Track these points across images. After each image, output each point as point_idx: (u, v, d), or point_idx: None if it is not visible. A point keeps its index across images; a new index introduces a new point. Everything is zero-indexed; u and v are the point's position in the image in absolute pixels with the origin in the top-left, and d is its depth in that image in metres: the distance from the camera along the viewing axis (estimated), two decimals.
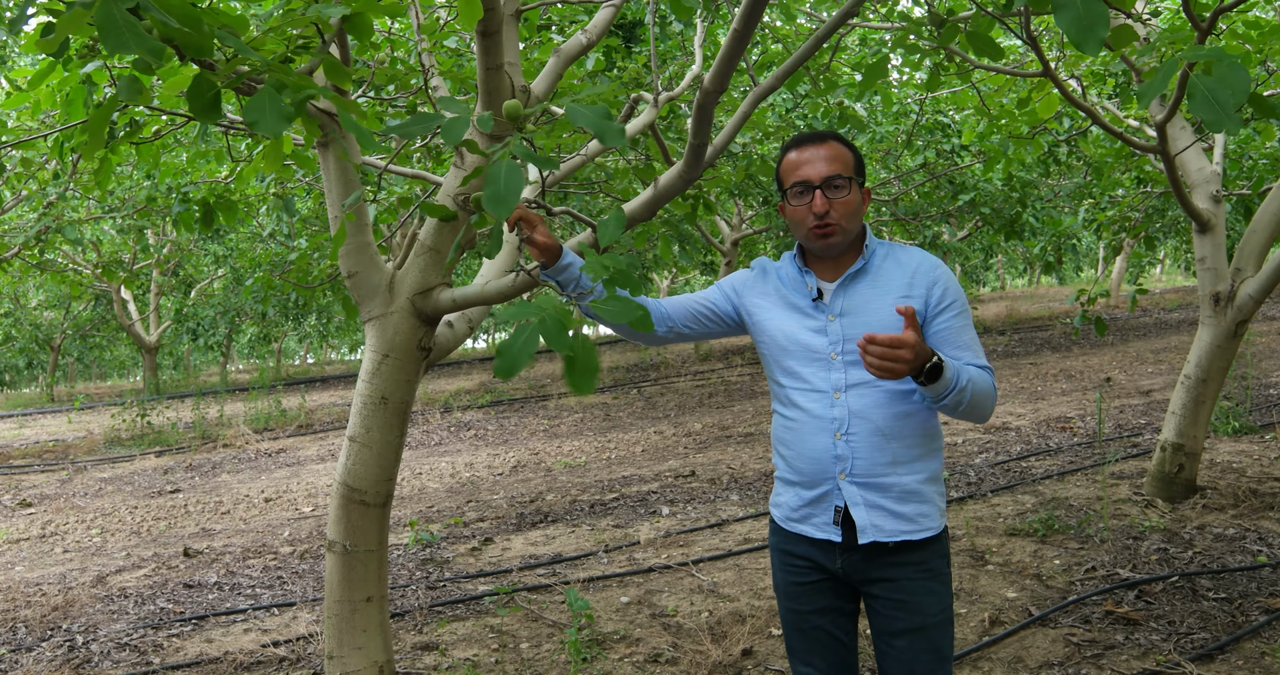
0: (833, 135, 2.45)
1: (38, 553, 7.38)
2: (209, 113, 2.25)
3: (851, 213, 2.41)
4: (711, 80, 2.43)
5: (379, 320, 3.65)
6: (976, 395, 2.30)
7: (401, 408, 3.69)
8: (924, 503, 2.40)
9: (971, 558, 5.35)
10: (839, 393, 2.40)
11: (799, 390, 2.47)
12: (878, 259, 2.46)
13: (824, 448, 2.41)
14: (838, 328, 2.42)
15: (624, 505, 7.37)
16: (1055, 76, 4.49)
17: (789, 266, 2.57)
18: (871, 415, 2.38)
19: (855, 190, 2.42)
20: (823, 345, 2.43)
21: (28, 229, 9.79)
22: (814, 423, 2.43)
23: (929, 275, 2.41)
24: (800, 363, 2.47)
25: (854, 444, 2.38)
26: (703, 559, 5.72)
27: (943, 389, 2.23)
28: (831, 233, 2.40)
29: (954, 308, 2.41)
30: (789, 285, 2.54)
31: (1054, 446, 8.27)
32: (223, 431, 13.04)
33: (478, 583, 5.65)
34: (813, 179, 2.39)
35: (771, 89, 2.84)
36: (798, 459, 2.48)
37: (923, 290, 2.40)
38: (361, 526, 3.73)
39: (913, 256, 2.46)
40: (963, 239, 16.04)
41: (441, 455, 10.87)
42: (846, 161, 2.42)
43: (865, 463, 2.38)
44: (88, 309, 23.06)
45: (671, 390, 14.67)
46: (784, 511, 2.55)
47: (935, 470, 2.44)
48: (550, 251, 2.42)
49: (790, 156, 2.46)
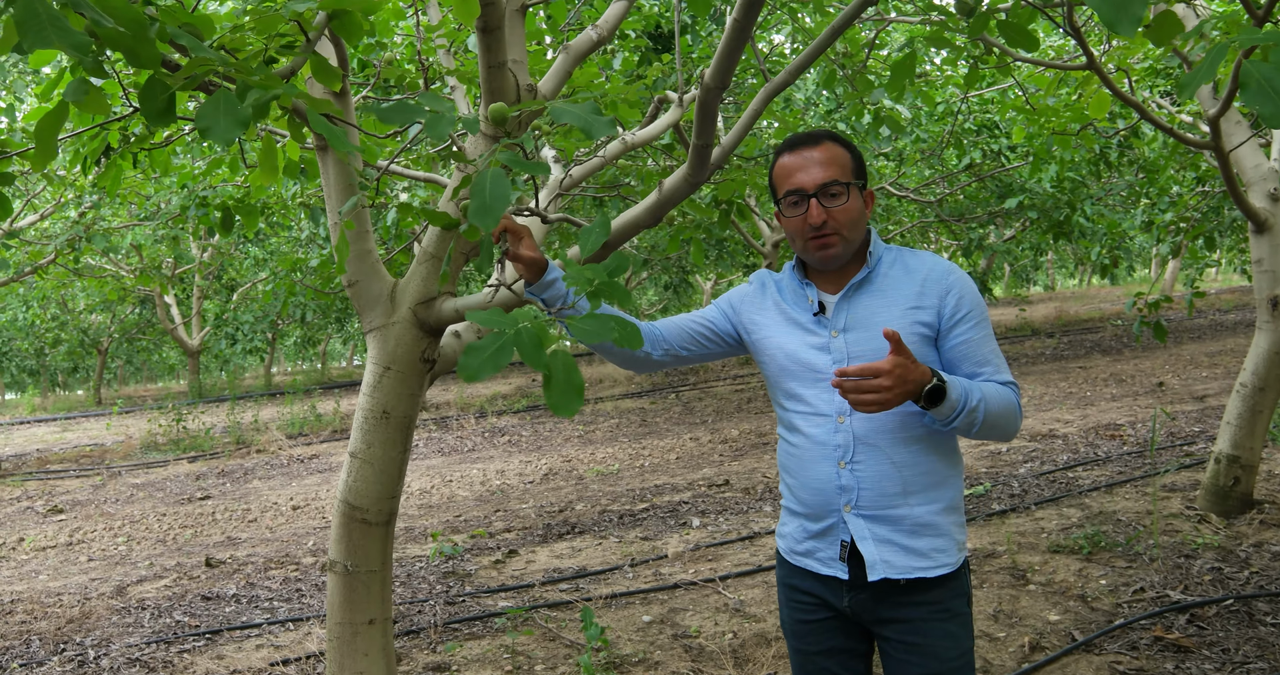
0: (828, 135, 2.25)
1: (63, 561, 7.32)
2: (162, 116, 2.09)
3: (852, 220, 2.20)
4: (712, 75, 2.23)
5: (380, 331, 3.49)
6: (993, 415, 2.10)
7: (404, 422, 3.53)
8: (940, 536, 2.19)
9: (1012, 576, 5.10)
10: (843, 416, 2.20)
11: (801, 414, 2.27)
12: (884, 267, 2.26)
13: (827, 477, 2.21)
14: (841, 344, 2.22)
15: (654, 516, 7.17)
16: (1100, 69, 4.24)
17: (789, 279, 2.37)
18: (878, 441, 2.17)
19: (855, 196, 2.21)
20: (825, 364, 2.23)
21: (59, 236, 9.79)
22: (816, 449, 2.23)
23: (941, 282, 2.20)
24: (802, 384, 2.27)
25: (860, 473, 2.18)
26: (731, 575, 5.51)
27: (949, 412, 2.04)
28: (830, 244, 2.20)
29: (971, 318, 2.19)
30: (789, 299, 2.35)
31: (1102, 456, 7.96)
32: (257, 437, 13.01)
33: (498, 598, 5.48)
34: (806, 186, 2.19)
35: (783, 84, 2.64)
36: (801, 488, 2.28)
37: (935, 299, 2.18)
38: (363, 546, 3.57)
39: (923, 262, 2.25)
40: (1009, 239, 15.66)
41: (474, 462, 10.73)
42: (844, 164, 2.21)
43: (873, 493, 2.18)
44: (133, 313, 23.26)
45: (710, 395, 14.45)
46: (789, 544, 2.36)
47: (953, 499, 2.23)
48: (536, 266, 2.24)
49: (782, 161, 2.26)
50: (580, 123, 2.02)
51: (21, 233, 11.70)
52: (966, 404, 2.04)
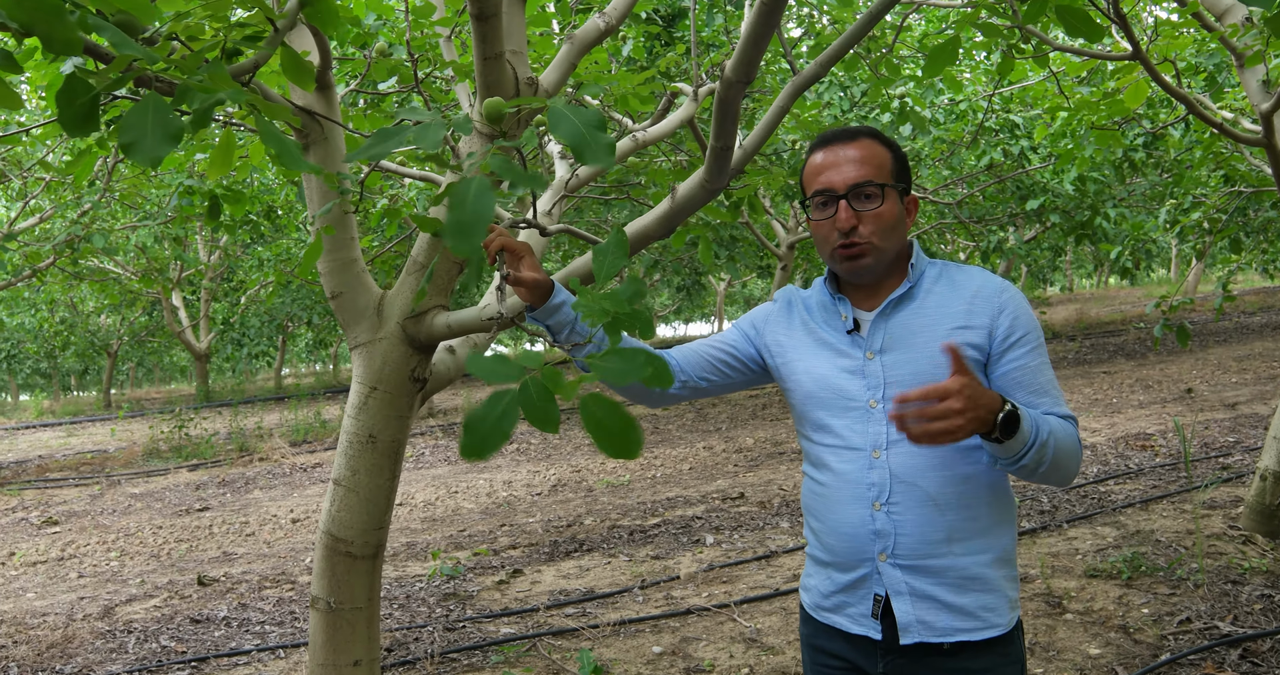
0: (867, 132, 1.98)
1: (52, 578, 7.05)
2: (82, 124, 1.78)
3: (887, 227, 1.94)
4: (734, 68, 1.92)
5: (366, 347, 3.20)
6: (1060, 453, 1.80)
7: (392, 448, 3.23)
8: (989, 592, 1.89)
9: (1048, 604, 4.78)
10: (879, 451, 1.91)
11: (830, 447, 1.98)
12: (928, 281, 1.99)
13: (859, 520, 1.92)
14: (877, 368, 1.93)
15: (666, 532, 6.87)
16: (1147, 60, 3.92)
17: (820, 294, 2.08)
18: (920, 479, 1.89)
19: (893, 200, 1.95)
20: (858, 389, 1.95)
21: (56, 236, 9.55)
22: (847, 489, 1.94)
23: (993, 301, 1.92)
24: (831, 413, 1.98)
25: (897, 516, 1.89)
26: (747, 599, 5.20)
27: (1019, 447, 1.73)
28: (860, 253, 1.93)
29: (1027, 341, 1.90)
30: (819, 317, 2.08)
31: (1134, 468, 7.61)
32: (260, 444, 12.74)
33: (501, 623, 5.18)
34: (836, 186, 1.93)
35: (813, 78, 2.32)
36: (828, 533, 1.98)
37: (985, 319, 1.90)
38: (347, 581, 3.28)
39: (972, 278, 1.97)
40: (1029, 241, 15.29)
41: (481, 471, 10.44)
42: (881, 164, 1.95)
43: (912, 540, 1.88)
44: (143, 316, 23.06)
45: (724, 401, 14.14)
46: (814, 598, 2.05)
47: (1006, 548, 1.93)
48: (540, 288, 1.94)
49: (813, 159, 2.00)
50: (575, 140, 1.69)
51: (23, 234, 11.48)
52: (1037, 438, 1.74)
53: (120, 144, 1.65)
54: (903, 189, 1.98)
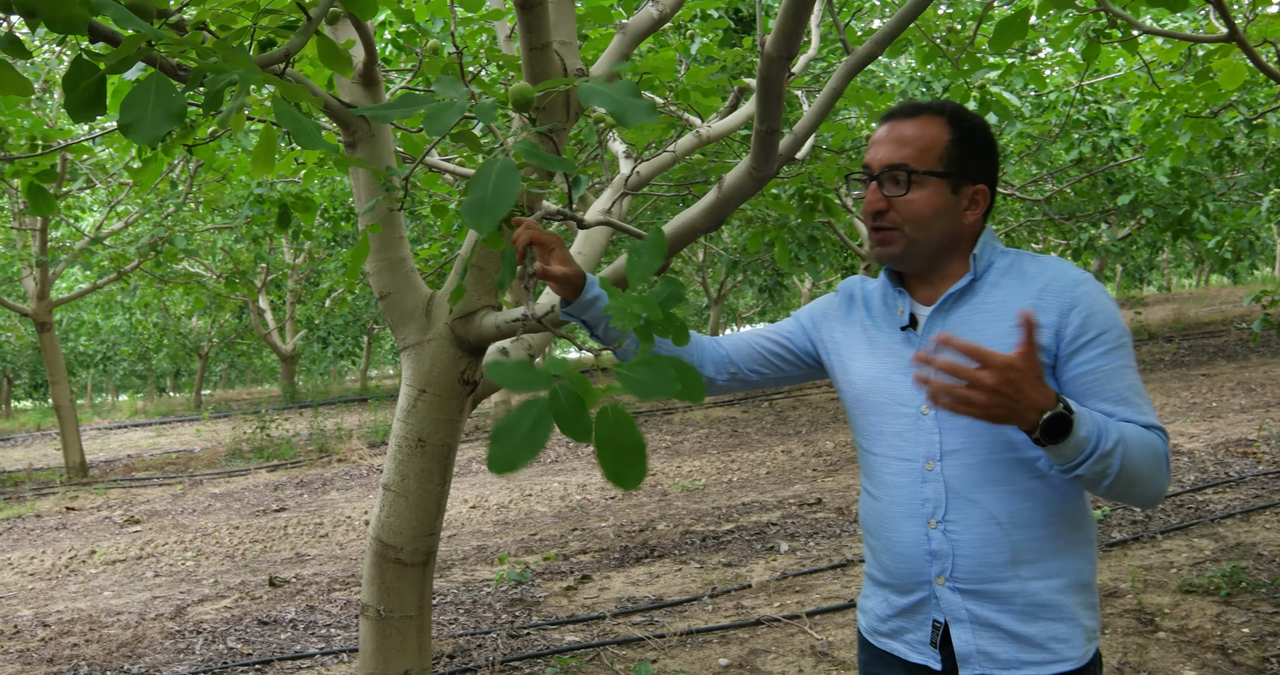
0: (934, 108, 1.78)
1: (129, 576, 7.14)
2: (87, 107, 1.69)
3: (919, 217, 1.75)
4: (774, 43, 1.77)
5: (414, 349, 3.11)
6: (1133, 467, 1.57)
7: (442, 452, 3.13)
8: (1061, 620, 1.68)
9: (1139, 621, 4.51)
10: (932, 462, 1.73)
11: (882, 458, 1.80)
12: (994, 274, 1.78)
13: (914, 539, 1.74)
14: (929, 370, 1.72)
15: (739, 539, 6.70)
16: (1244, 40, 3.65)
17: (884, 285, 1.90)
18: (979, 494, 1.70)
19: (932, 190, 1.75)
20: (910, 394, 1.77)
21: (140, 239, 9.73)
22: (900, 504, 1.77)
23: (1064, 295, 1.69)
24: (883, 418, 1.80)
25: (955, 535, 1.71)
26: (819, 610, 5.01)
27: (1074, 453, 1.52)
28: (889, 240, 1.78)
29: (1103, 342, 1.67)
30: (877, 312, 1.90)
31: (1235, 476, 7.23)
32: (339, 445, 12.84)
33: (565, 631, 5.06)
34: (872, 166, 1.78)
35: (868, 58, 2.16)
36: (884, 552, 1.81)
37: (1054, 317, 1.68)
38: (397, 589, 3.19)
39: (1045, 269, 1.75)
40: (1124, 238, 14.75)
41: (555, 474, 10.37)
42: (928, 148, 1.75)
43: (972, 562, 1.69)
44: (232, 318, 23.54)
45: (805, 404, 13.90)
46: (871, 621, 1.88)
47: (1081, 572, 1.72)
48: (572, 282, 1.80)
49: (874, 134, 1.82)
50: (611, 105, 1.58)
51: (111, 238, 11.74)
52: (1099, 445, 1.53)
53: (120, 125, 1.56)
54: (957, 177, 1.76)
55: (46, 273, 11.56)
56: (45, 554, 7.96)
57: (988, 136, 1.80)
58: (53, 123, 9.16)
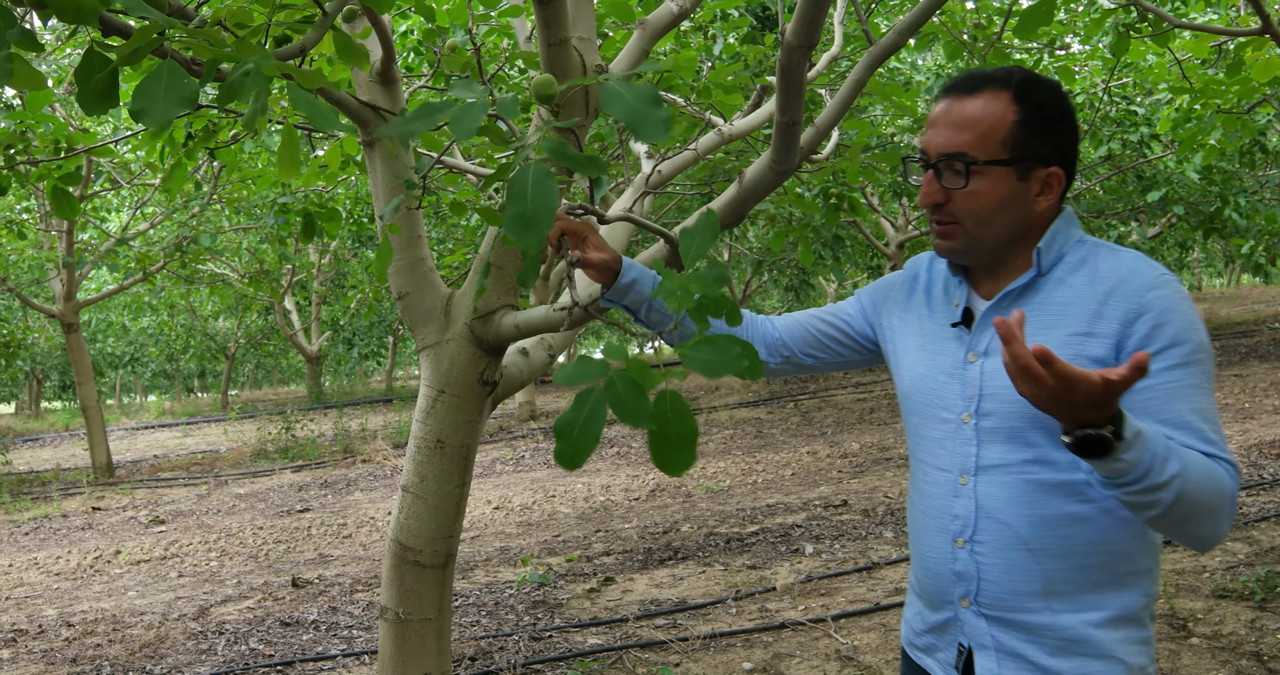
0: (998, 80, 1.58)
1: (154, 577, 7.15)
2: (100, 100, 1.67)
3: (981, 212, 1.57)
4: (794, 31, 1.72)
5: (433, 349, 3.07)
6: (1188, 504, 1.36)
7: (461, 453, 3.10)
8: (1098, 658, 1.52)
9: (1171, 626, 4.42)
10: (966, 476, 1.60)
11: (921, 463, 1.69)
12: (1063, 269, 1.58)
13: (940, 556, 1.63)
14: (976, 373, 1.60)
15: (764, 541, 6.64)
16: (1278, 34, 3.57)
17: (949, 270, 1.74)
18: (1011, 516, 1.55)
19: (995, 181, 1.56)
20: (954, 397, 1.62)
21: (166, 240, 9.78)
22: (932, 517, 1.65)
23: (1133, 300, 1.49)
24: (926, 422, 1.67)
25: (982, 557, 1.58)
26: (844, 614, 4.95)
27: (1121, 474, 1.33)
28: (948, 234, 1.61)
29: (1170, 355, 1.46)
30: (936, 299, 1.74)
31: (1269, 478, 7.11)
32: (363, 446, 12.86)
33: (588, 633, 5.02)
34: (929, 152, 1.60)
35: (893, 47, 2.11)
36: (917, 564, 1.71)
37: (1115, 324, 1.49)
38: (416, 591, 3.16)
39: (1119, 267, 1.54)
40: (1154, 237, 14.56)
41: (580, 475, 10.33)
42: (990, 131, 1.55)
43: (998, 588, 1.56)
44: (258, 319, 23.65)
45: (830, 404, 13.81)
46: (909, 632, 1.77)
47: (1129, 607, 1.54)
48: (609, 268, 1.74)
49: (932, 111, 1.64)
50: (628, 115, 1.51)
51: (138, 239, 11.80)
52: (1154, 472, 1.33)
53: (131, 112, 1.53)
54: (1025, 162, 1.56)
55: (73, 274, 11.63)
56: (71, 554, 7.99)
57: (1062, 110, 1.59)
58: (76, 125, 9.20)
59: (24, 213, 11.59)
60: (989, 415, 1.56)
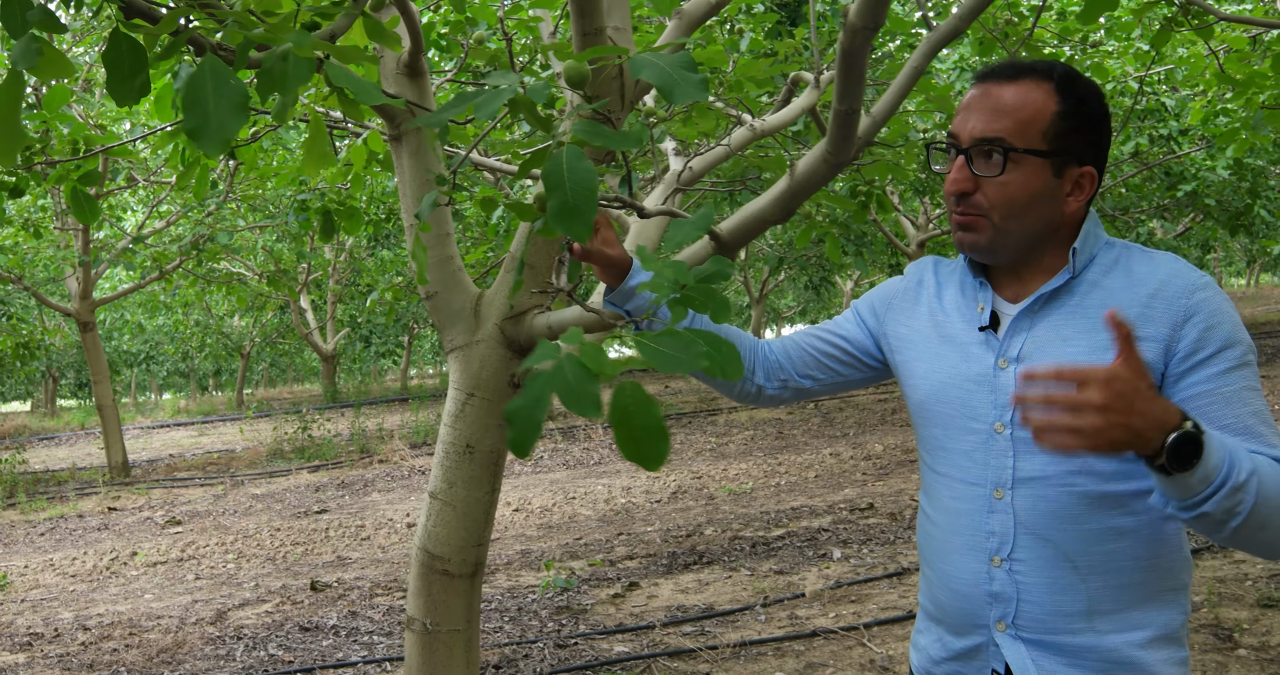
0: (1040, 71, 1.50)
1: (170, 579, 7.07)
2: (129, 89, 1.56)
3: (1012, 204, 1.48)
4: (859, 11, 1.60)
5: (463, 351, 2.96)
6: (1266, 507, 1.28)
7: (491, 458, 2.99)
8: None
9: (1216, 637, 4.29)
10: (1002, 490, 1.50)
11: (944, 477, 1.58)
12: (1097, 271, 1.51)
13: (973, 577, 1.52)
14: (1009, 380, 1.50)
15: (790, 545, 6.52)
16: None
17: (963, 272, 1.64)
18: (1054, 531, 1.46)
19: (1032, 171, 1.47)
20: (984, 405, 1.52)
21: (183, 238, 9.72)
22: (960, 534, 1.54)
23: (1179, 303, 1.43)
24: (950, 433, 1.56)
25: (1022, 577, 1.48)
26: (877, 622, 4.83)
27: (1201, 485, 1.24)
28: (972, 226, 1.50)
29: (1222, 359, 1.41)
30: (950, 303, 1.64)
31: None
32: (380, 445, 12.77)
33: (614, 641, 4.91)
34: (960, 137, 1.50)
35: (954, 33, 1.99)
36: (939, 585, 1.59)
37: (1165, 327, 1.43)
38: (444, 601, 3.05)
39: (1157, 269, 1.48)
40: (1181, 234, 14.36)
41: (600, 476, 10.22)
42: (1030, 120, 1.47)
43: (1040, 609, 1.47)
44: (274, 318, 23.62)
45: (851, 405, 13.67)
46: (924, 661, 1.65)
47: (1170, 625, 1.48)
48: (617, 266, 1.64)
49: (966, 95, 1.55)
50: (660, 79, 1.42)
51: (153, 238, 11.74)
52: (1231, 476, 1.25)
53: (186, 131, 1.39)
54: (1062, 157, 1.48)
55: (89, 273, 11.57)
56: (87, 555, 7.92)
57: (1101, 109, 1.52)
58: (95, 123, 9.13)
59: (40, 211, 11.54)
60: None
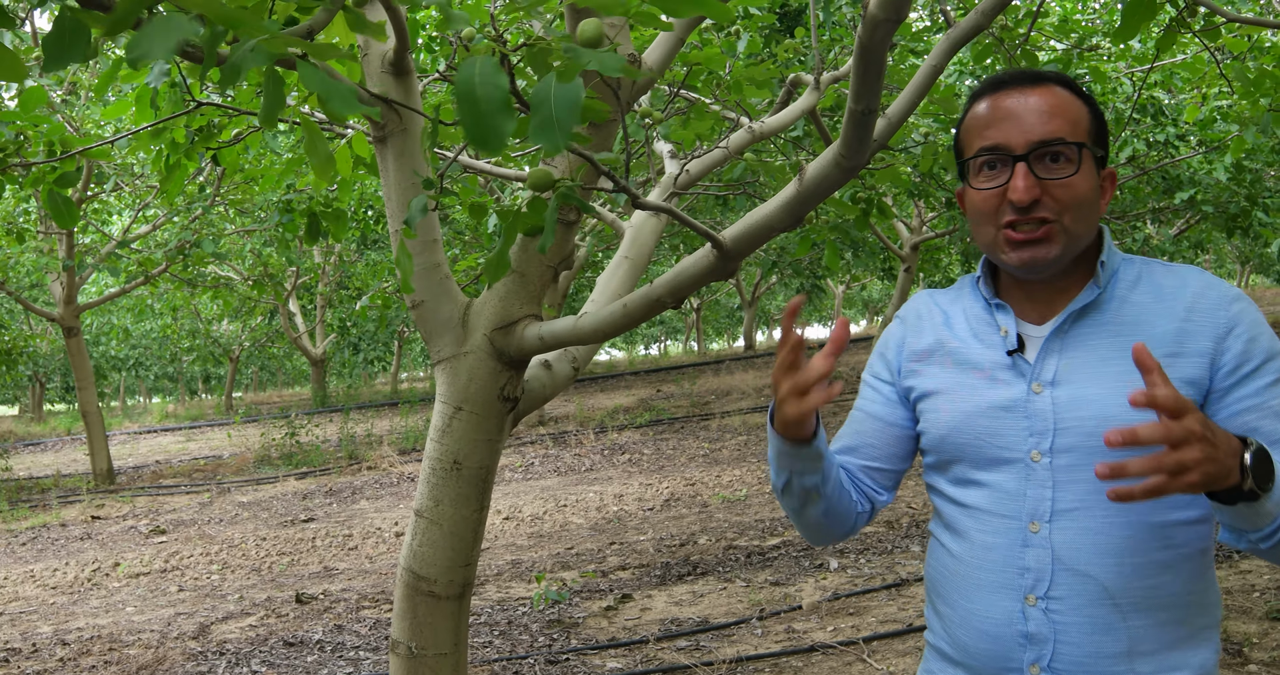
0: (1056, 77, 1.45)
1: (153, 591, 6.92)
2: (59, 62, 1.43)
3: (1082, 205, 1.40)
4: (881, 3, 1.48)
5: (450, 363, 2.83)
6: None
7: (479, 475, 2.86)
8: None
9: (1226, 652, 4.18)
10: (1038, 523, 1.40)
11: (970, 510, 1.47)
12: (1123, 286, 1.45)
13: (1004, 616, 1.42)
14: (1046, 406, 1.41)
15: (786, 555, 6.39)
16: None
17: (969, 298, 1.56)
18: (1094, 567, 1.37)
19: (1090, 170, 1.41)
20: (1017, 435, 1.43)
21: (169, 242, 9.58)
22: (990, 571, 1.43)
23: (1218, 315, 1.38)
24: (976, 465, 1.46)
25: (1059, 616, 1.38)
26: (877, 636, 4.71)
27: (1276, 510, 1.20)
28: (1042, 238, 1.40)
29: (1268, 371, 1.36)
30: (965, 330, 1.53)
31: None
32: (369, 452, 12.62)
33: (606, 656, 4.79)
34: (1013, 144, 1.40)
35: (975, 30, 1.88)
36: (960, 625, 1.47)
37: (1207, 342, 1.37)
38: (430, 624, 2.91)
39: (1186, 283, 1.43)
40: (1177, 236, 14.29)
41: (591, 483, 10.09)
42: (1077, 118, 1.42)
43: (1078, 651, 1.38)
44: (263, 322, 23.44)
45: (845, 409, 13.54)
46: None
47: (1206, 664, 1.40)
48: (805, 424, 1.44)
49: (978, 109, 1.47)
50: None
51: (138, 242, 11.58)
52: None
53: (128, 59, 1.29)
54: (1100, 155, 1.46)
55: (74, 277, 11.41)
56: (68, 566, 7.77)
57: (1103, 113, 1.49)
58: (76, 126, 8.98)
59: (23, 215, 11.38)
60: (1066, 452, 1.39)
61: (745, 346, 25.57)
